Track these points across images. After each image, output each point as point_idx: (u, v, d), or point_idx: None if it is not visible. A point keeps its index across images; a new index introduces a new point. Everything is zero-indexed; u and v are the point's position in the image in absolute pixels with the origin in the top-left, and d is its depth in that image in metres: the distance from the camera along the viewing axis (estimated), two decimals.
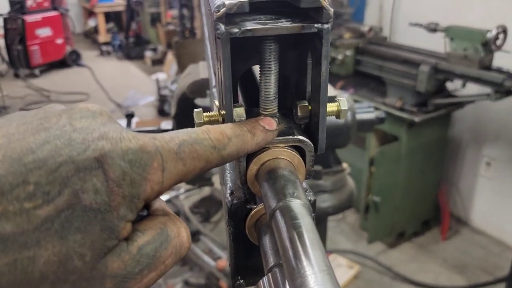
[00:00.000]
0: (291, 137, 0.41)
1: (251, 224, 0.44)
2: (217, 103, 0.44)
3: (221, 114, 0.42)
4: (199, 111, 0.42)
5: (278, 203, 0.35)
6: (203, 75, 1.20)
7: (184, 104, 1.30)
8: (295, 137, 0.41)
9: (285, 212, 0.33)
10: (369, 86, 3.18)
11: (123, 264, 0.31)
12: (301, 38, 0.43)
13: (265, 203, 0.37)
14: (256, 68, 0.46)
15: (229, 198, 0.43)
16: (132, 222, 0.32)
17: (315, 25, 0.37)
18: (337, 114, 0.43)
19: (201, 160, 0.35)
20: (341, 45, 3.15)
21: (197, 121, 0.42)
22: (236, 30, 0.36)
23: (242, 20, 0.38)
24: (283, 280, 0.35)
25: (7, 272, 0.27)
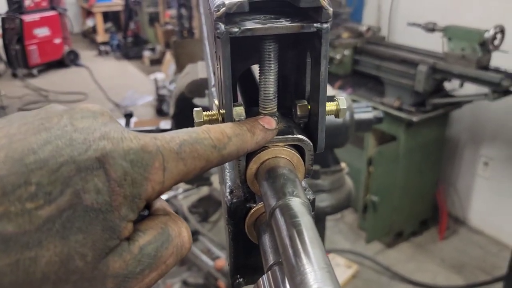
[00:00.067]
0: (291, 136, 0.41)
1: (250, 222, 0.44)
2: (216, 102, 0.44)
3: (221, 113, 0.42)
4: (198, 110, 0.42)
5: (278, 201, 0.35)
6: (201, 74, 1.20)
7: (182, 104, 1.30)
8: (295, 136, 0.41)
9: (285, 211, 0.34)
10: (367, 86, 3.19)
11: (124, 264, 0.31)
12: (300, 37, 0.43)
13: (264, 202, 0.37)
14: (255, 68, 0.46)
15: (229, 197, 0.44)
16: (134, 222, 0.32)
17: (315, 24, 0.38)
18: (336, 113, 0.43)
19: (201, 160, 0.35)
20: (339, 45, 3.15)
21: (197, 120, 0.42)
22: (236, 29, 0.36)
23: (242, 19, 0.38)
24: (282, 278, 0.35)
25: (9, 273, 0.27)
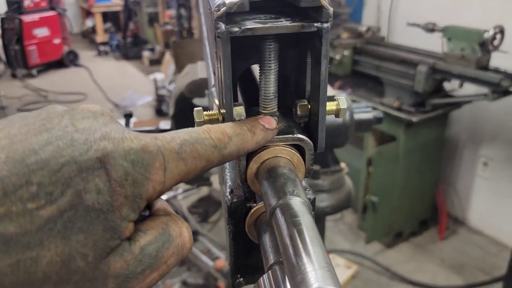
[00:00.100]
0: (291, 135, 0.41)
1: (251, 222, 0.44)
2: (217, 102, 0.44)
3: (221, 113, 0.42)
4: (199, 110, 0.42)
5: (278, 201, 0.35)
6: (201, 75, 1.21)
7: (182, 104, 1.30)
8: (295, 135, 0.41)
9: (285, 210, 0.34)
10: (367, 86, 3.19)
11: (125, 264, 0.31)
12: (300, 37, 0.43)
13: (265, 201, 0.37)
14: (255, 67, 0.46)
15: (229, 196, 0.44)
16: (134, 222, 0.32)
17: (315, 24, 0.38)
18: (336, 113, 0.44)
19: (202, 160, 0.35)
20: (339, 45, 3.15)
21: (197, 120, 0.42)
22: (236, 29, 0.36)
23: (242, 19, 0.38)
24: (283, 277, 0.35)
25: (10, 273, 0.27)
